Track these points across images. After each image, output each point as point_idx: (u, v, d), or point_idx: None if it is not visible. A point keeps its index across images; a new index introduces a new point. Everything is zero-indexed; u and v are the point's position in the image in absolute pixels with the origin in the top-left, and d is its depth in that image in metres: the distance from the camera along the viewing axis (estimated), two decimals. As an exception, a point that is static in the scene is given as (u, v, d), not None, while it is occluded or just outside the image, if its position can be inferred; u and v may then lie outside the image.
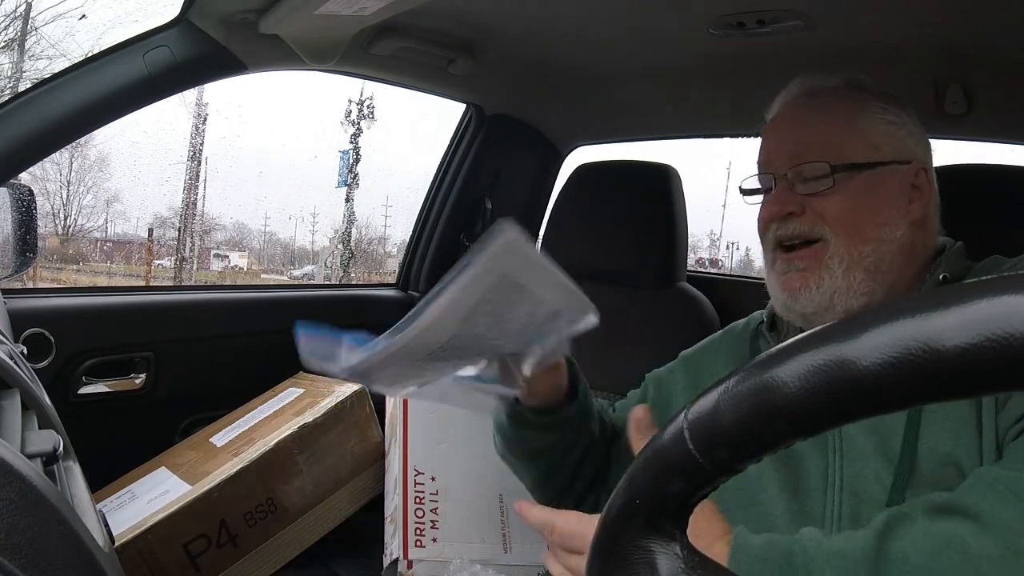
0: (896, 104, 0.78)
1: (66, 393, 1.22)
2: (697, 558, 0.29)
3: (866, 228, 0.73)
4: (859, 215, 0.73)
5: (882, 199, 0.74)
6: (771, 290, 0.79)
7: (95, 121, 1.07)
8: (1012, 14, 0.97)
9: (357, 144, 3.79)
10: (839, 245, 0.73)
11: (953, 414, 0.64)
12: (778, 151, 0.78)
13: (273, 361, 1.46)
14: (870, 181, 0.74)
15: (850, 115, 0.76)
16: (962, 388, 0.21)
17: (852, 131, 0.75)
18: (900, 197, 0.75)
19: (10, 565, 0.26)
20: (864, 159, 0.74)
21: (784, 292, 0.76)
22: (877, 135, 0.75)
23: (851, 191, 0.73)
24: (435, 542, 1.11)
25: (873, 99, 0.77)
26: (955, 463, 0.62)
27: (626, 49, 1.32)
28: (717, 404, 0.26)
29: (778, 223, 0.76)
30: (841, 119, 0.76)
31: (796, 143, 0.77)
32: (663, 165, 1.41)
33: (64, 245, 3.83)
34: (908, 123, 0.78)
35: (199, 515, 1.07)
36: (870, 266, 0.73)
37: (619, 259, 1.42)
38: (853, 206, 0.73)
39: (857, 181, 0.73)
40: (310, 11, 1.01)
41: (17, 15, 2.88)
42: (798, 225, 0.75)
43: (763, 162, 0.81)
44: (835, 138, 0.75)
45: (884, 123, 0.76)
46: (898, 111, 0.77)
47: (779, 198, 0.76)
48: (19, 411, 0.47)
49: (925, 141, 0.79)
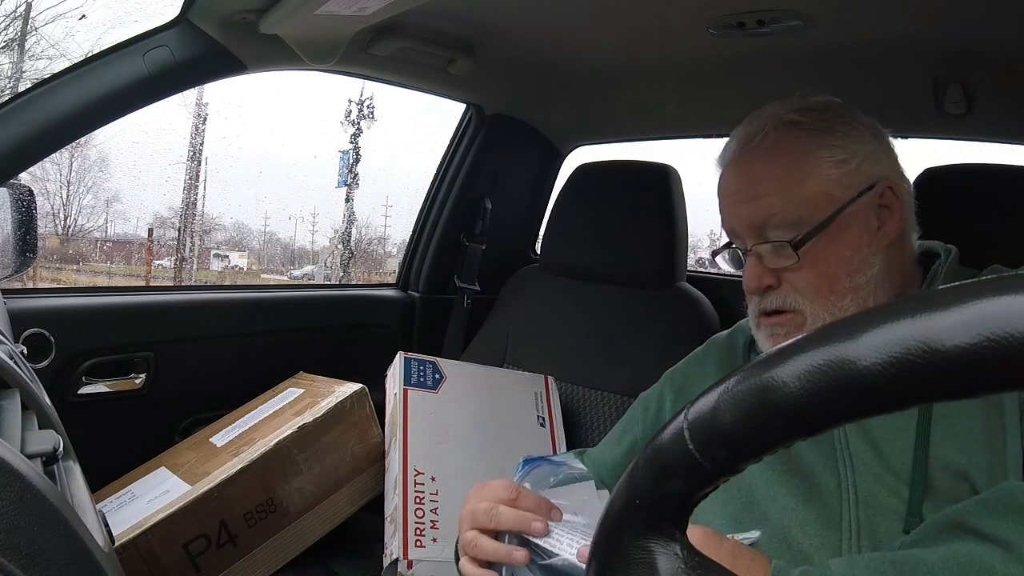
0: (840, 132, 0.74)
1: (66, 393, 1.22)
2: (697, 558, 0.29)
3: (839, 284, 0.72)
4: (830, 275, 0.72)
5: (849, 246, 0.72)
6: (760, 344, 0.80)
7: (95, 121, 1.07)
8: (1012, 14, 0.97)
9: (357, 144, 3.79)
10: (817, 310, 0.73)
11: (964, 432, 0.64)
12: (739, 223, 0.77)
13: (273, 361, 1.46)
14: (834, 234, 0.72)
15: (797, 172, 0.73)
16: (962, 388, 0.21)
17: (802, 192, 0.72)
18: (867, 230, 0.73)
19: (10, 565, 0.26)
20: (823, 215, 0.72)
21: None
22: (827, 184, 0.72)
23: (817, 256, 0.72)
24: (435, 542, 1.11)
25: (815, 140, 0.73)
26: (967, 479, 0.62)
27: (626, 49, 1.32)
28: (717, 404, 0.26)
29: (758, 296, 0.77)
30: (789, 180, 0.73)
31: (751, 216, 0.75)
32: (663, 165, 1.41)
33: (64, 245, 3.82)
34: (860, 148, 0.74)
35: (199, 515, 1.07)
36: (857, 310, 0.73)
37: (619, 259, 1.42)
38: (823, 271, 0.72)
39: (821, 243, 0.72)
40: (310, 11, 1.01)
41: (17, 15, 2.88)
42: (775, 298, 0.75)
43: (728, 230, 0.80)
44: (789, 208, 0.72)
45: (833, 165, 0.72)
46: (844, 140, 0.73)
47: (753, 274, 0.76)
48: (19, 411, 0.47)
49: (885, 151, 0.76)
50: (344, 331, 1.62)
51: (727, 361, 0.88)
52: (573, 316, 1.47)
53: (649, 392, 0.95)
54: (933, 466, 0.64)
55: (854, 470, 0.69)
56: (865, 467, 0.68)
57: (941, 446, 0.64)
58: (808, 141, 0.73)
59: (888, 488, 0.66)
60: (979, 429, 0.63)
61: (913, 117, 1.27)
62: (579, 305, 1.48)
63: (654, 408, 0.92)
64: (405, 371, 1.26)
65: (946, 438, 0.64)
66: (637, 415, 0.94)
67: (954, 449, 0.64)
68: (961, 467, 0.63)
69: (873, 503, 0.67)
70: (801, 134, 0.74)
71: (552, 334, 1.48)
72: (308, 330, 1.56)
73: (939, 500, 0.63)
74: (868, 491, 0.67)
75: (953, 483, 0.63)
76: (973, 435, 0.63)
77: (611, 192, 1.44)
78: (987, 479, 0.61)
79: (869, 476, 0.68)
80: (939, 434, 0.65)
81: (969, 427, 0.64)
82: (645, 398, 0.95)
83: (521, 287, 1.61)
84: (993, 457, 0.62)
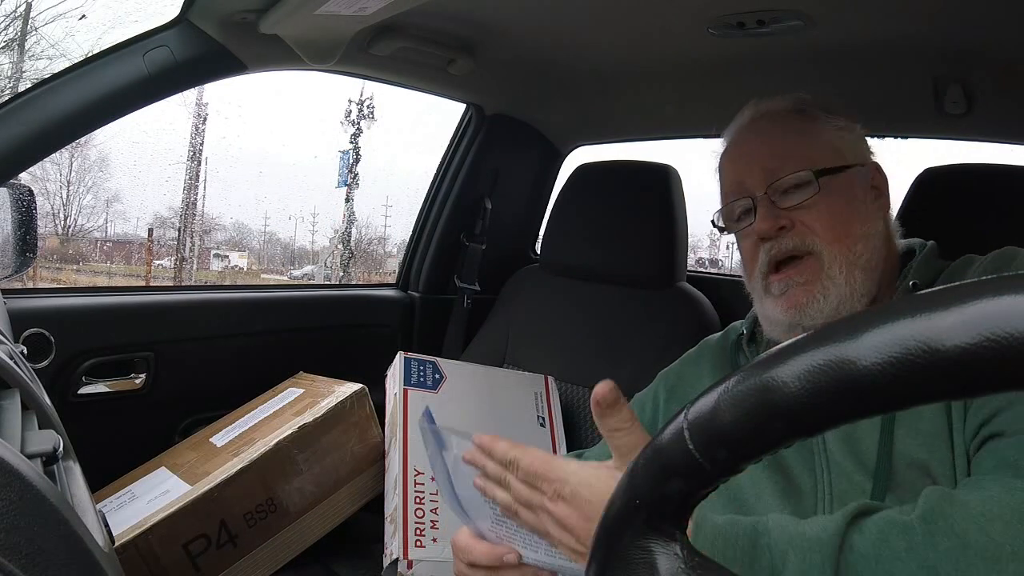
0: (841, 112, 0.80)
1: (66, 393, 1.22)
2: (697, 558, 0.29)
3: (853, 227, 0.74)
4: (844, 216, 0.74)
5: (857, 199, 0.76)
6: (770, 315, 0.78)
7: (95, 121, 1.07)
8: (1012, 14, 0.97)
9: (357, 144, 3.79)
10: (834, 252, 0.73)
11: (926, 427, 0.65)
12: (750, 172, 0.78)
13: (273, 361, 1.46)
14: (844, 184, 0.75)
15: (809, 128, 0.78)
16: (962, 388, 0.21)
17: (816, 141, 0.77)
18: (867, 197, 0.77)
19: (10, 565, 0.26)
20: (834, 163, 0.75)
21: (791, 309, 0.74)
22: (837, 141, 0.78)
23: (832, 197, 0.74)
24: (435, 542, 1.11)
25: (821, 112, 0.79)
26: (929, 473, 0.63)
27: (626, 49, 1.32)
28: (717, 404, 0.26)
29: (771, 242, 0.76)
30: (803, 132, 0.78)
31: (768, 160, 0.77)
32: (663, 165, 1.41)
33: (64, 245, 3.82)
34: (855, 128, 0.80)
35: (199, 515, 1.07)
36: (866, 264, 0.74)
37: (619, 259, 1.42)
38: (838, 210, 0.74)
39: (835, 185, 0.75)
40: (310, 11, 1.01)
41: (17, 15, 2.87)
42: (790, 240, 0.75)
43: (734, 188, 0.80)
44: (804, 149, 0.76)
45: (837, 130, 0.79)
46: (845, 119, 0.80)
47: (767, 216, 0.75)
48: (19, 411, 0.47)
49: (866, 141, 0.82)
50: (344, 331, 1.62)
51: (720, 361, 0.88)
52: (573, 316, 1.47)
53: (643, 393, 0.96)
54: (897, 461, 0.65)
55: (830, 470, 0.70)
56: (838, 467, 0.69)
57: (904, 442, 0.65)
58: (814, 111, 0.80)
59: (858, 486, 0.67)
60: (942, 425, 0.64)
61: (913, 117, 1.27)
62: (579, 305, 1.48)
63: (649, 409, 0.92)
64: (405, 371, 1.26)
65: (909, 434, 0.65)
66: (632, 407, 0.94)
67: (916, 445, 0.64)
68: (923, 461, 0.64)
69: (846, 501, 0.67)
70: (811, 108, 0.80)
71: (552, 334, 1.48)
72: (308, 330, 1.56)
73: (901, 494, 0.64)
74: (842, 490, 0.68)
75: (916, 478, 0.64)
76: (936, 430, 0.64)
77: (611, 192, 1.44)
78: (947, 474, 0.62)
79: (842, 475, 0.69)
80: (903, 430, 0.66)
81: (932, 423, 0.65)
82: (640, 399, 0.95)
83: (521, 287, 1.61)
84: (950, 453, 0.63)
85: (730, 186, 0.81)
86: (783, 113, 0.80)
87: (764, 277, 0.77)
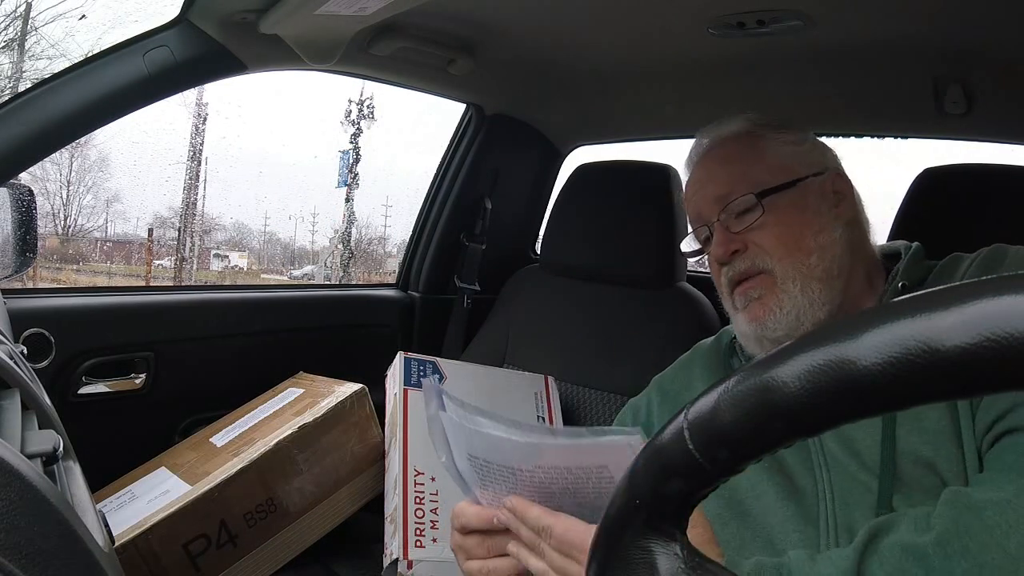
0: (791, 128, 0.84)
1: (66, 393, 1.22)
2: (697, 558, 0.29)
3: (805, 241, 0.76)
4: (795, 232, 0.77)
5: (810, 210, 0.78)
6: (740, 329, 0.81)
7: (95, 121, 1.07)
8: (1012, 14, 0.97)
9: (357, 144, 3.79)
10: (786, 267, 0.76)
11: (930, 425, 0.65)
12: (704, 201, 0.83)
13: (273, 361, 1.46)
14: (793, 199, 0.78)
15: (755, 149, 0.82)
16: (962, 388, 0.21)
17: (761, 162, 0.80)
18: (825, 204, 0.79)
19: (10, 565, 0.26)
20: (780, 181, 0.78)
21: (752, 323, 0.78)
22: (784, 157, 0.81)
23: (780, 214, 0.77)
24: (435, 542, 1.11)
25: (770, 131, 0.83)
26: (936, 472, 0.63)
27: (626, 49, 1.32)
28: (717, 404, 0.26)
29: (727, 265, 0.79)
30: (749, 156, 0.81)
31: (717, 188, 0.81)
32: (663, 165, 1.41)
33: (64, 245, 3.82)
34: (809, 139, 0.84)
35: (199, 515, 1.07)
36: (822, 274, 0.75)
37: (619, 259, 1.42)
38: (786, 228, 0.77)
39: (783, 202, 0.78)
40: (310, 11, 1.01)
41: (17, 15, 2.87)
42: (742, 262, 0.79)
43: (694, 217, 0.86)
44: (750, 173, 0.79)
45: (786, 145, 0.82)
46: (794, 133, 0.83)
47: (720, 241, 0.80)
48: (19, 411, 0.47)
49: (831, 152, 0.85)
50: (344, 331, 1.62)
51: (713, 365, 0.89)
52: (573, 316, 1.47)
53: (638, 398, 0.97)
54: (902, 459, 0.65)
55: (829, 470, 0.70)
56: (839, 466, 0.69)
57: (908, 440, 0.65)
58: (765, 132, 0.83)
59: (862, 485, 0.67)
60: (945, 422, 0.64)
61: (913, 117, 1.27)
62: (579, 305, 1.48)
63: (643, 414, 0.93)
64: (405, 371, 1.26)
65: (912, 432, 0.65)
66: (627, 421, 0.95)
67: (921, 442, 0.65)
68: (929, 459, 0.64)
69: (849, 500, 0.68)
70: (757, 129, 0.84)
71: (552, 334, 1.48)
72: (308, 330, 1.56)
73: (909, 492, 0.64)
74: (844, 489, 0.68)
75: (922, 475, 0.64)
76: (940, 428, 0.64)
77: (611, 192, 1.44)
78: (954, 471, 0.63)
79: (844, 475, 0.69)
80: (905, 428, 0.66)
81: (936, 420, 0.65)
82: (634, 404, 0.97)
83: (521, 287, 1.61)
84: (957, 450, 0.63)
85: (692, 215, 0.87)
86: (731, 139, 0.84)
87: (729, 294, 0.81)
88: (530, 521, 0.62)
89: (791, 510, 0.70)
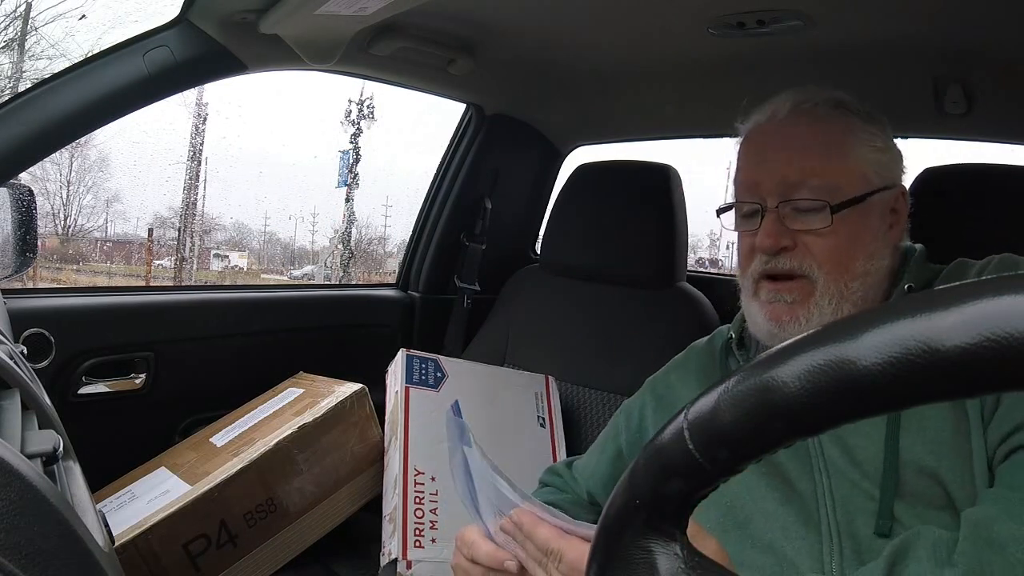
0: (881, 126, 0.76)
1: (66, 393, 1.22)
2: (697, 558, 0.29)
3: (854, 264, 0.72)
4: (849, 252, 0.72)
5: (868, 232, 0.73)
6: (754, 317, 0.77)
7: (95, 121, 1.07)
8: (1012, 14, 0.97)
9: (357, 144, 3.79)
10: (828, 284, 0.71)
11: (932, 435, 0.64)
12: (769, 177, 0.74)
13: (273, 361, 1.46)
14: (860, 214, 0.72)
15: (842, 144, 0.73)
16: (962, 388, 0.21)
17: (845, 163, 0.73)
18: (884, 224, 0.74)
19: (10, 565, 0.26)
20: (856, 192, 0.72)
21: (771, 321, 0.74)
22: (867, 164, 0.73)
23: (846, 227, 0.71)
24: (434, 542, 1.11)
25: (860, 122, 0.75)
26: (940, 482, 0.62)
27: (626, 49, 1.32)
28: (717, 404, 0.26)
29: (768, 256, 0.74)
30: (834, 149, 0.73)
31: (789, 171, 0.73)
32: (663, 165, 1.41)
33: (64, 245, 3.83)
34: (892, 146, 0.76)
35: (199, 515, 1.07)
36: (858, 300, 0.72)
37: (619, 259, 1.42)
38: (845, 244, 0.71)
39: (850, 218, 0.71)
40: (310, 11, 1.01)
41: (17, 15, 2.88)
42: (788, 261, 0.73)
43: (748, 187, 0.76)
44: (830, 172, 0.72)
45: (873, 151, 0.74)
46: (884, 134, 0.76)
47: (771, 232, 0.73)
48: (19, 411, 0.47)
49: (903, 160, 0.78)
50: (344, 331, 1.62)
51: (707, 366, 0.87)
52: (573, 316, 1.47)
53: (632, 400, 0.95)
54: (905, 469, 0.64)
55: (829, 476, 0.69)
56: (840, 473, 0.68)
57: (911, 449, 0.64)
58: (854, 121, 0.74)
59: (864, 492, 0.66)
60: (949, 432, 0.63)
61: (913, 117, 1.27)
62: (579, 305, 1.48)
63: (636, 417, 0.92)
64: (407, 369, 1.26)
65: (916, 441, 0.64)
66: (621, 424, 0.94)
67: (925, 452, 0.63)
68: (932, 469, 0.63)
69: (850, 506, 0.67)
70: (848, 114, 0.75)
71: (552, 334, 1.48)
72: (308, 330, 1.56)
73: (912, 502, 0.63)
74: (844, 495, 0.67)
75: (926, 486, 0.63)
76: (943, 438, 0.63)
77: (611, 192, 1.44)
78: (959, 481, 0.61)
79: (845, 482, 0.68)
80: (909, 438, 0.65)
81: (939, 430, 0.64)
82: (628, 406, 0.95)
83: (521, 287, 1.61)
84: (963, 460, 0.62)
85: (744, 181, 0.77)
86: (819, 115, 0.75)
87: (755, 281, 0.76)
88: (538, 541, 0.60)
89: (792, 516, 0.69)
